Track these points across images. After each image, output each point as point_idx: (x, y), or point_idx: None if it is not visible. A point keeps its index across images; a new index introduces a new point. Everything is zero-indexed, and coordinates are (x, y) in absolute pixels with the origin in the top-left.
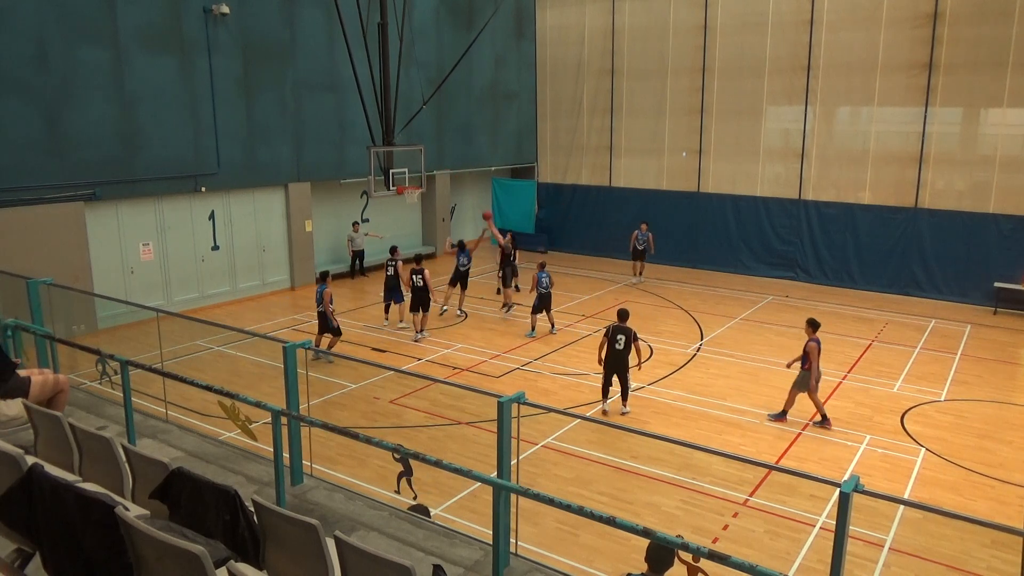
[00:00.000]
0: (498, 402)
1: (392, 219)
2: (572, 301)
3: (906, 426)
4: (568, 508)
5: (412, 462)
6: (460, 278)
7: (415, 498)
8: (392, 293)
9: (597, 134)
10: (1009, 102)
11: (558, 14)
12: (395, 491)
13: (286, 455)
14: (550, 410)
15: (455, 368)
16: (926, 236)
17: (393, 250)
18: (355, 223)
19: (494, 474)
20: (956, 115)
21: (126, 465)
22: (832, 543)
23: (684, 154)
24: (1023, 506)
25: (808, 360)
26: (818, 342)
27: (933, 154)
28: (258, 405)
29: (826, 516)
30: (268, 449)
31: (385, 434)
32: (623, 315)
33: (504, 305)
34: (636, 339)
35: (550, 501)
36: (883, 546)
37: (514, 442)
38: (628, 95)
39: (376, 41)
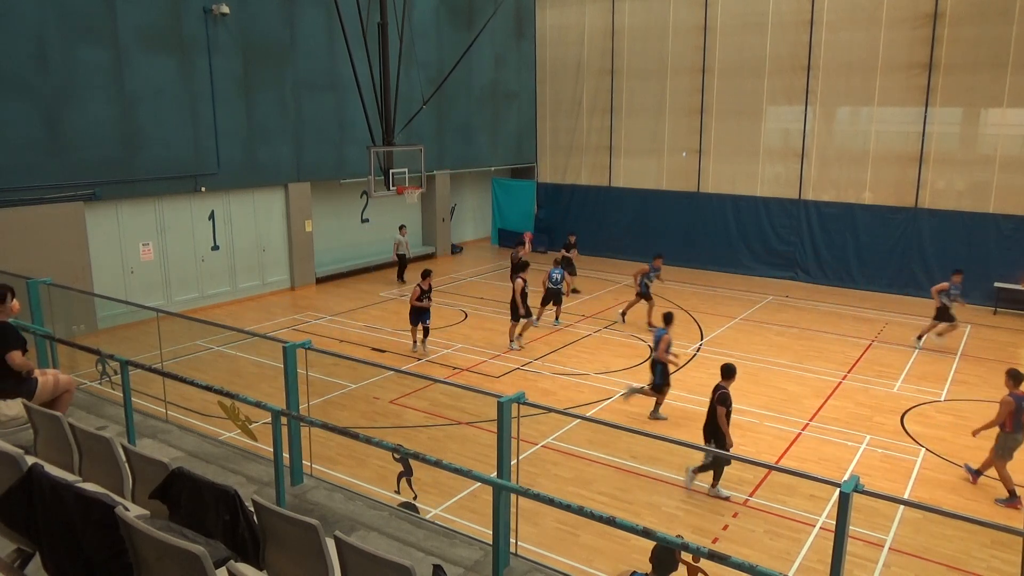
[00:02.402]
0: (498, 402)
1: (392, 219)
2: (572, 301)
3: (906, 426)
4: (568, 508)
5: (412, 462)
6: (553, 296)
7: (415, 498)
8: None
9: (597, 134)
10: (1009, 102)
11: (558, 14)
12: (395, 491)
13: (286, 455)
14: (550, 410)
15: (455, 368)
16: (926, 236)
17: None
18: (402, 226)
19: (494, 474)
20: (956, 115)
21: (126, 465)
22: (832, 543)
23: (684, 154)
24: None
25: (1004, 420)
26: (1017, 400)
27: (933, 154)
28: (258, 405)
29: (826, 516)
30: (268, 449)
31: (385, 434)
32: (724, 372)
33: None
34: (723, 403)
35: (550, 501)
36: (883, 546)
37: (514, 442)
38: (628, 95)
39: (376, 41)
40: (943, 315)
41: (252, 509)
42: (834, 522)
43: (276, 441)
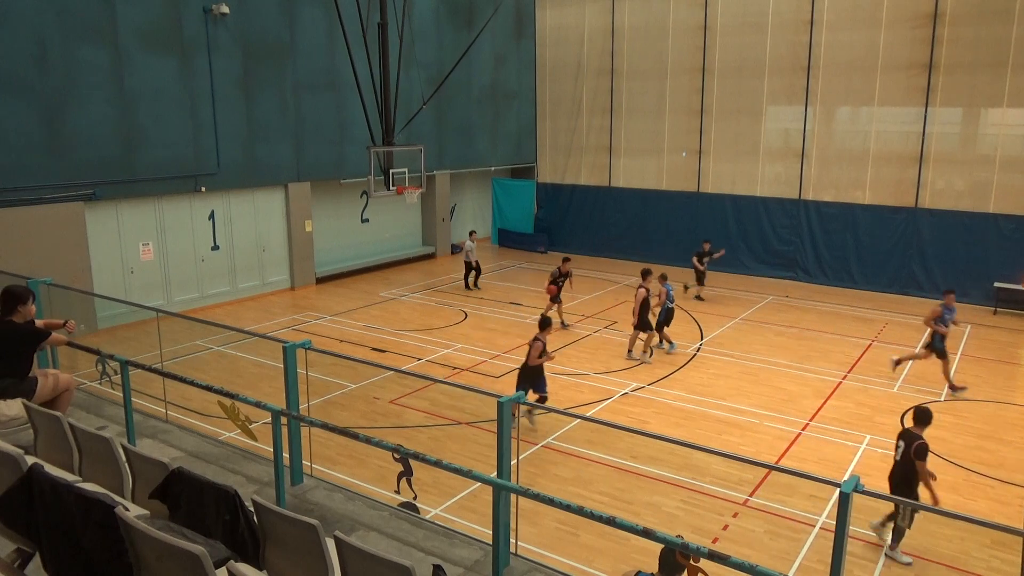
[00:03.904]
0: (498, 402)
1: (392, 219)
2: (573, 301)
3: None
4: (568, 508)
5: (412, 462)
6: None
7: (415, 498)
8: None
9: (596, 134)
10: (1009, 102)
11: (558, 14)
12: (395, 491)
13: (286, 455)
14: (550, 410)
15: (455, 368)
16: (926, 236)
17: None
18: (472, 232)
19: (494, 474)
20: (956, 115)
21: (126, 465)
22: (832, 543)
23: (684, 154)
24: (1023, 506)
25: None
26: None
27: (933, 154)
28: (258, 405)
29: (826, 516)
30: (268, 449)
31: (385, 434)
32: (918, 416)
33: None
34: (922, 456)
35: (550, 501)
36: (883, 546)
37: (514, 442)
38: (628, 95)
39: (376, 41)
40: (938, 350)
41: (252, 509)
42: (834, 522)
43: (276, 441)
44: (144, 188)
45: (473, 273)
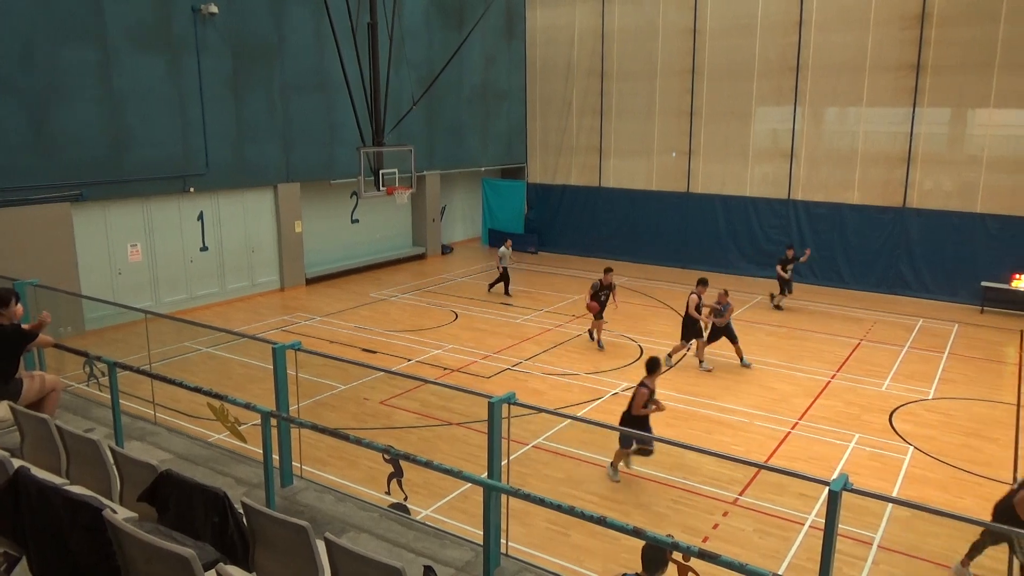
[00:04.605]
0: (488, 403)
1: (382, 220)
2: (562, 301)
3: (895, 425)
4: (559, 508)
5: (403, 463)
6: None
7: (406, 499)
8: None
9: (587, 135)
10: (996, 103)
11: (548, 15)
12: (385, 492)
13: (275, 457)
14: (540, 410)
15: (445, 369)
16: (914, 236)
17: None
18: (508, 239)
19: (484, 475)
20: (944, 115)
21: (114, 468)
22: (822, 541)
23: (674, 155)
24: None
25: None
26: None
27: (921, 154)
28: (247, 407)
29: (816, 514)
30: (257, 451)
31: (375, 435)
32: None
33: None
34: None
35: (541, 501)
36: (872, 544)
37: (504, 443)
38: (618, 96)
39: (366, 41)
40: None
41: (241, 511)
42: (823, 520)
43: (266, 442)
44: (132, 189)
45: (502, 283)
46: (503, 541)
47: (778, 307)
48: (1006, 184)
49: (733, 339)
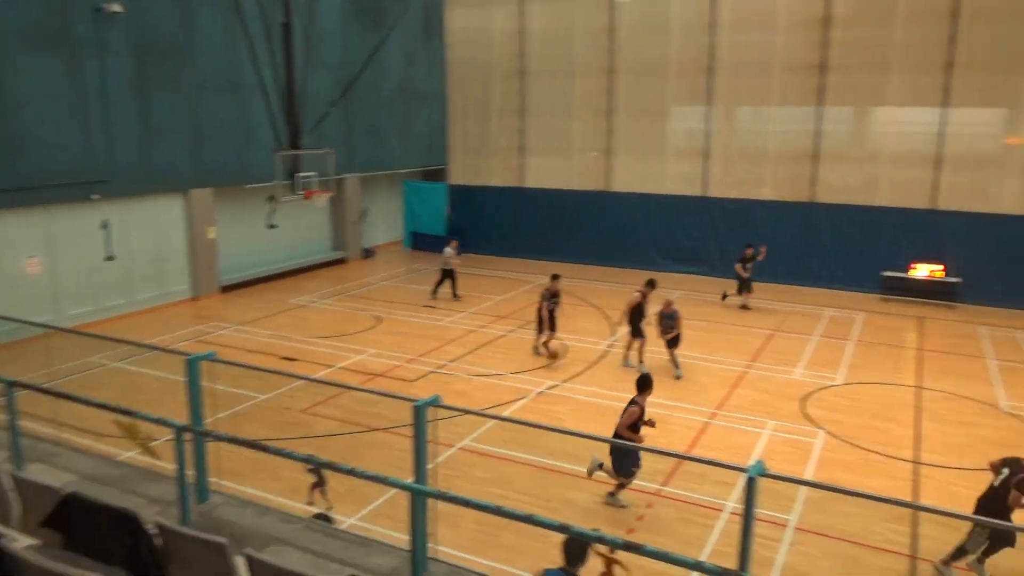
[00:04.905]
0: (413, 406)
1: (301, 224)
2: (486, 302)
3: (806, 411)
4: (486, 509)
5: (326, 472)
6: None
7: (330, 508)
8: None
9: (508, 135)
10: (894, 101)
11: (466, 15)
12: (308, 503)
13: (191, 472)
14: (466, 412)
15: (369, 374)
16: (821, 229)
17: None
18: (453, 240)
19: (411, 479)
20: (847, 114)
21: (14, 493)
22: (741, 526)
23: (594, 154)
24: (913, 480)
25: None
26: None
27: (827, 151)
28: (159, 422)
29: (735, 501)
30: (172, 467)
31: (297, 445)
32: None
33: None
34: (1018, 488)
35: (468, 503)
36: (788, 526)
37: (431, 446)
38: (538, 96)
39: (279, 41)
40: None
41: (155, 531)
42: (742, 506)
43: (180, 458)
44: (30, 197)
45: (448, 282)
46: (431, 545)
47: (745, 307)
48: (904, 179)
49: (672, 345)
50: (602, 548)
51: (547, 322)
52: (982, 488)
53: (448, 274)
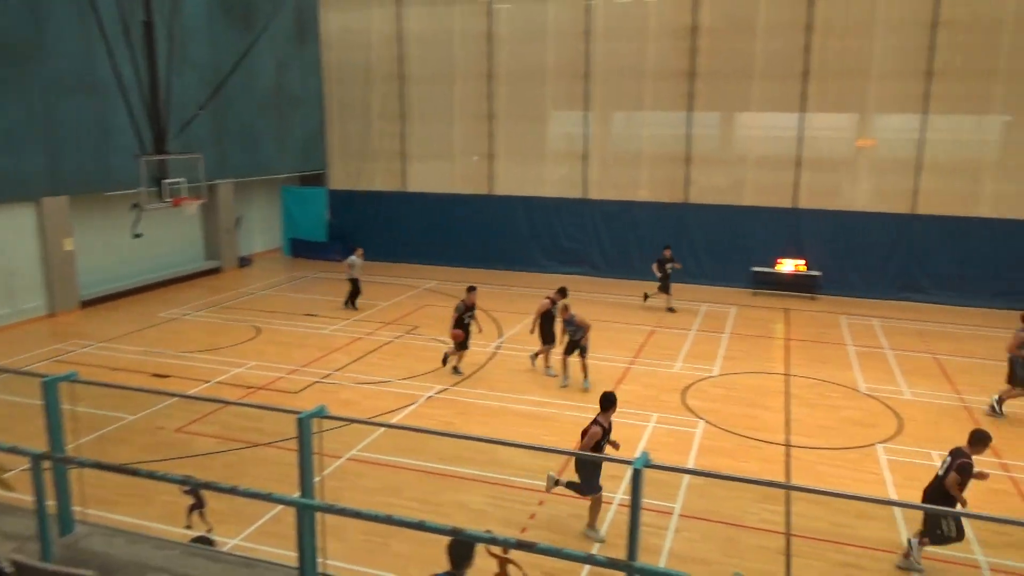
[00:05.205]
0: (297, 418)
1: (171, 233)
2: (371, 308)
3: (687, 402)
4: (376, 519)
5: (205, 492)
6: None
7: (210, 530)
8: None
9: (389, 139)
10: (758, 107)
11: (342, 18)
12: (186, 526)
13: (51, 503)
14: (353, 421)
15: (249, 388)
16: (694, 228)
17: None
18: (358, 248)
19: (297, 494)
20: (715, 119)
21: None
22: (629, 516)
23: (475, 158)
24: (784, 462)
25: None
26: None
27: (697, 154)
28: (12, 451)
29: (623, 492)
30: (29, 499)
31: (172, 466)
32: (976, 439)
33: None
34: (963, 472)
35: (357, 514)
36: (673, 513)
37: (317, 458)
38: (418, 100)
39: (141, 40)
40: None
41: (11, 569)
42: (630, 497)
43: (38, 488)
44: None
45: (355, 291)
46: (319, 560)
47: (671, 309)
48: (768, 180)
49: (579, 353)
50: (496, 549)
51: (462, 338)
52: (847, 466)
53: (354, 283)
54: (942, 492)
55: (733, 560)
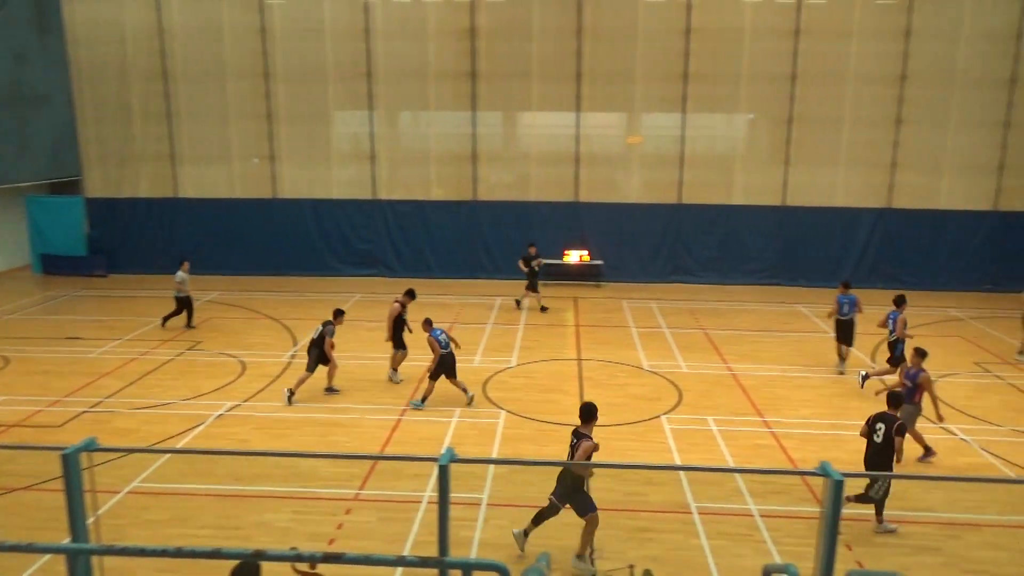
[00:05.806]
0: (61, 455)
1: None
2: (145, 326)
3: (488, 394)
4: (164, 554)
5: None
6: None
7: None
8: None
9: (154, 142)
10: (537, 107)
11: (89, 8)
12: None
13: None
14: (129, 451)
15: (1, 425)
16: (485, 224)
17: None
18: (184, 261)
19: (67, 540)
20: (498, 118)
21: None
22: (437, 514)
23: (255, 160)
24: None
25: (918, 393)
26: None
27: (483, 152)
28: None
29: (431, 490)
30: None
31: None
32: (893, 400)
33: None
34: (900, 433)
35: (142, 552)
36: (482, 504)
37: (89, 496)
38: (187, 99)
39: None
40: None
41: None
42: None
43: None
44: None
45: (182, 313)
46: None
47: (544, 308)
48: (551, 175)
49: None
50: (302, 566)
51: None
52: (636, 439)
53: (184, 302)
54: (887, 455)
55: (540, 540)
